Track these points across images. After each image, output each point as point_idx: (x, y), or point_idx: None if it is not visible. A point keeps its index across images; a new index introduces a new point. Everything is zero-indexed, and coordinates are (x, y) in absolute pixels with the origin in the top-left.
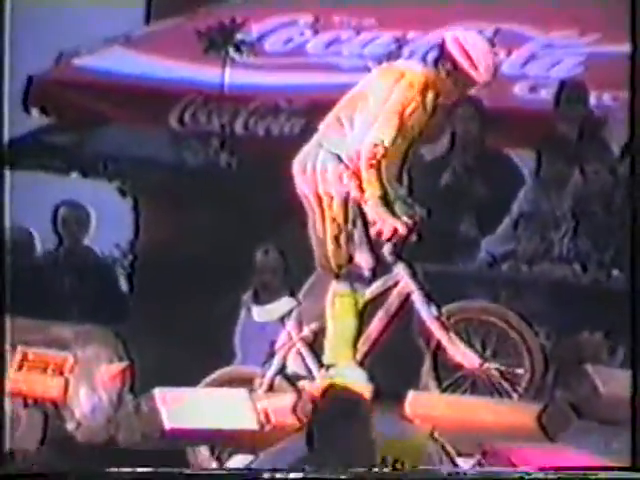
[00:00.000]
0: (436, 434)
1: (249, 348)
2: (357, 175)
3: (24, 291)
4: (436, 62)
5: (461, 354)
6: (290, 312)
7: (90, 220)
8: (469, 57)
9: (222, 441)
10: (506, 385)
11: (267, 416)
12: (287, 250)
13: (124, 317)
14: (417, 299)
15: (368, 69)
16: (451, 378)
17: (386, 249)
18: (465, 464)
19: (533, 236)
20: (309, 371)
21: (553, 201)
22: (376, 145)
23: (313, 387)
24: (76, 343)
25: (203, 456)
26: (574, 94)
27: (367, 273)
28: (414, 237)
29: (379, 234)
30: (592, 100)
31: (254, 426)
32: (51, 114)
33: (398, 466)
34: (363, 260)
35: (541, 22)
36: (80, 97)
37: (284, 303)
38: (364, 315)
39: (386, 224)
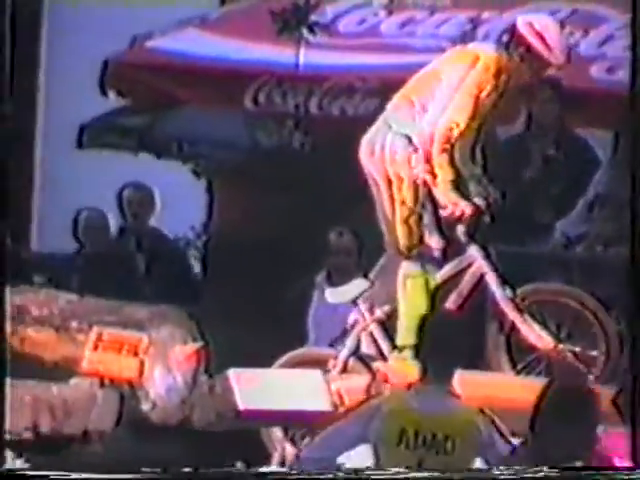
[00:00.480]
0: (486, 410)
1: (322, 330)
2: (428, 159)
3: (99, 272)
4: (508, 46)
5: (535, 336)
6: (363, 294)
7: (155, 201)
8: (542, 39)
9: (296, 422)
10: (582, 367)
11: (341, 397)
12: (361, 232)
13: (198, 298)
14: (491, 280)
15: (442, 49)
16: (525, 360)
17: (460, 230)
18: None
19: (609, 218)
20: (381, 352)
21: (630, 182)
22: (451, 129)
23: (386, 368)
24: (151, 324)
25: (277, 437)
26: None
27: (437, 254)
28: (488, 218)
29: (451, 217)
30: None
31: (328, 407)
32: (127, 96)
33: (448, 443)
34: (433, 241)
35: (619, 2)
36: (154, 79)
37: (357, 285)
38: (436, 296)
39: (458, 207)
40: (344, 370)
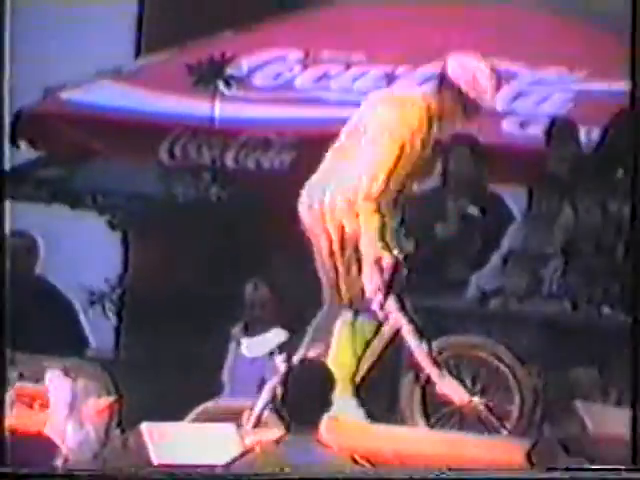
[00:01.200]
0: (356, 457)
1: (237, 382)
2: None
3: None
4: (440, 90)
5: (450, 389)
6: (280, 345)
7: (39, 249)
8: (474, 80)
9: (210, 476)
10: (495, 421)
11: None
12: (277, 284)
13: (113, 351)
14: (407, 333)
15: (357, 104)
16: (440, 413)
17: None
18: None
19: (523, 272)
20: None
21: (543, 238)
22: (374, 180)
23: None
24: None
25: None
26: (564, 130)
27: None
28: (405, 271)
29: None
30: (582, 137)
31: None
32: (40, 148)
33: None
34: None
35: (530, 59)
36: (69, 130)
37: (273, 336)
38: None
39: (382, 259)
40: (258, 423)
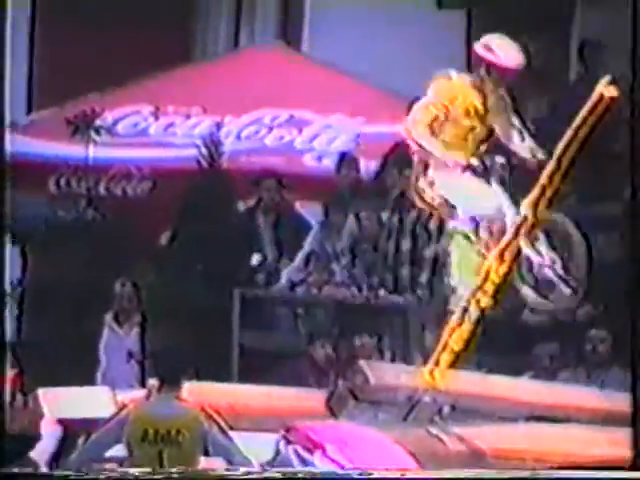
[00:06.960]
0: (207, 408)
1: (110, 356)
2: None
3: None
4: (470, 71)
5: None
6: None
7: None
8: (497, 54)
9: (90, 427)
10: None
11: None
12: (139, 283)
13: (16, 334)
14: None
15: (196, 145)
16: None
17: None
18: (271, 439)
19: (320, 267)
20: None
21: (335, 241)
22: None
23: None
24: None
25: None
26: (348, 162)
27: None
28: None
29: None
30: (362, 167)
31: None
32: None
33: (180, 437)
34: None
35: (323, 109)
36: None
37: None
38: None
39: None
40: None
